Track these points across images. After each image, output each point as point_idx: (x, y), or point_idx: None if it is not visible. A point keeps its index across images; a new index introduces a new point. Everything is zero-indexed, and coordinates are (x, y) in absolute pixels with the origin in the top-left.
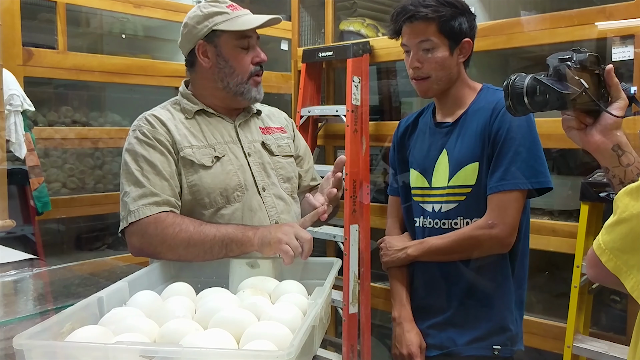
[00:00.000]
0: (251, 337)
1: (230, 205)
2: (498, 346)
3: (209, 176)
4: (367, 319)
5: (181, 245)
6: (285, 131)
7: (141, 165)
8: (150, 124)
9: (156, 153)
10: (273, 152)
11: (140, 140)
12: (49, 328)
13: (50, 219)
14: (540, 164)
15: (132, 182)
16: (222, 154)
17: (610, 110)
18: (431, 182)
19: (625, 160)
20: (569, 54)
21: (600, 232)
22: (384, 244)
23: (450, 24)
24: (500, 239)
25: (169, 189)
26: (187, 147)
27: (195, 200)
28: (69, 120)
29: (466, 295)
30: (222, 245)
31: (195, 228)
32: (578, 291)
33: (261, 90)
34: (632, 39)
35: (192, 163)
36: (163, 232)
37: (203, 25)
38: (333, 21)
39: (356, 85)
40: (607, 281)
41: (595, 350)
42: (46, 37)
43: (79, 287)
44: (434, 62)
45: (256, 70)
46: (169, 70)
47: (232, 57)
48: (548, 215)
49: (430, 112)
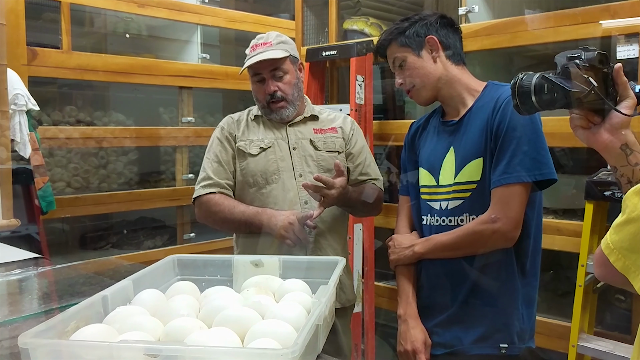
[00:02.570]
0: (255, 335)
1: (269, 185)
2: (505, 344)
3: (254, 162)
4: (371, 318)
5: (219, 221)
6: (337, 131)
7: (209, 156)
8: (226, 122)
9: (220, 145)
10: (317, 147)
11: (216, 136)
12: (53, 327)
13: (54, 218)
14: (543, 156)
15: (203, 167)
16: (268, 145)
17: (619, 109)
18: (438, 180)
19: (634, 159)
20: (578, 53)
21: (609, 231)
22: (392, 242)
23: (404, 35)
24: (504, 233)
25: (224, 173)
26: (243, 140)
27: (244, 180)
28: (73, 120)
29: (472, 294)
30: (245, 225)
31: (229, 210)
32: (583, 290)
33: (286, 112)
34: (636, 37)
35: (243, 152)
36: (209, 209)
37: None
38: (337, 20)
39: (360, 84)
40: (615, 281)
41: (600, 349)
42: (50, 37)
43: (83, 285)
44: (409, 71)
45: (268, 99)
46: (173, 69)
47: (253, 88)
48: (552, 214)
49: (439, 113)
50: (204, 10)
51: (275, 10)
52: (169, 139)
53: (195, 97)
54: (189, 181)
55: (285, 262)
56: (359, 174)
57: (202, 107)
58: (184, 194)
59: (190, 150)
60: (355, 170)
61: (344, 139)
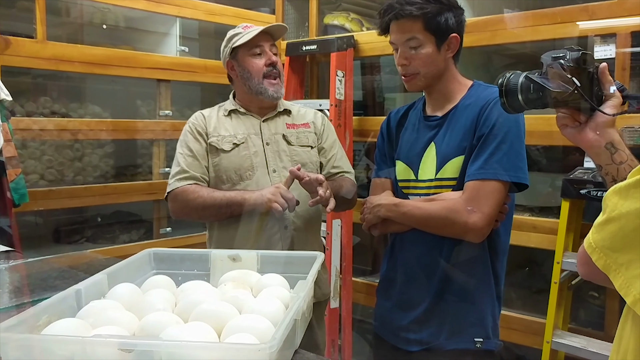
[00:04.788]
0: (233, 330)
1: (242, 182)
2: (480, 339)
3: (227, 159)
4: (348, 313)
5: (199, 208)
6: (310, 126)
7: (183, 150)
8: (196, 118)
9: (193, 139)
10: (291, 142)
11: (186, 131)
12: (25, 321)
13: (27, 211)
14: (520, 160)
15: (175, 162)
16: (241, 141)
17: (603, 109)
18: (417, 174)
19: (618, 158)
20: (563, 52)
21: (591, 230)
22: (366, 203)
23: (435, 21)
24: (477, 228)
25: (199, 167)
26: (215, 136)
27: (217, 176)
28: (47, 111)
29: (447, 290)
30: (227, 206)
31: (208, 194)
32: (558, 287)
33: (279, 90)
34: (613, 37)
35: (215, 149)
36: (186, 199)
37: (227, 48)
38: (317, 15)
39: (340, 79)
40: (598, 279)
41: (573, 345)
42: (24, 26)
43: (56, 279)
44: (421, 59)
45: (269, 71)
46: (151, 62)
47: (247, 64)
48: (529, 212)
49: (420, 106)
50: (183, 2)
51: (256, 4)
52: (146, 132)
53: (173, 90)
54: (166, 175)
55: (263, 256)
56: (331, 167)
57: (180, 101)
58: (160, 188)
59: (167, 144)
60: (327, 163)
61: (316, 133)
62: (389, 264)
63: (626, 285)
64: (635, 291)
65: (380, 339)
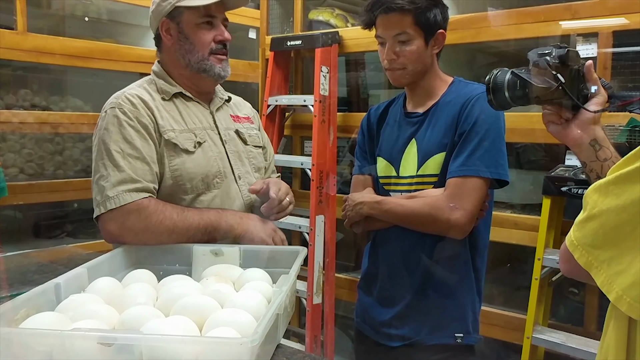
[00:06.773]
0: (214, 324)
1: (209, 192)
2: (460, 334)
3: (192, 161)
4: (331, 309)
5: (165, 233)
6: (253, 122)
7: (122, 147)
8: (131, 103)
9: (138, 135)
10: (246, 141)
11: (121, 120)
12: (2, 314)
13: (6, 205)
14: (501, 157)
15: (111, 164)
16: (202, 139)
17: (587, 106)
18: (399, 171)
19: (603, 155)
20: (549, 49)
21: (572, 228)
22: (347, 200)
23: (425, 16)
24: (460, 224)
25: (150, 174)
26: (170, 130)
27: (177, 185)
28: (27, 104)
29: (428, 286)
30: (205, 232)
31: (179, 215)
32: (538, 283)
33: (227, 68)
34: (595, 37)
35: (175, 147)
36: (147, 220)
37: (167, 3)
38: (302, 10)
39: (324, 75)
40: (580, 276)
41: (553, 341)
42: (4, 17)
43: (36, 274)
44: (410, 54)
45: (218, 48)
46: (134, 55)
47: (193, 33)
48: (510, 209)
49: (400, 102)
50: None
51: None
52: None
53: None
54: None
55: (245, 251)
56: (271, 172)
57: None
58: None
59: None
60: (269, 167)
61: (259, 130)
62: (371, 260)
63: (608, 282)
64: (617, 288)
65: (361, 335)
